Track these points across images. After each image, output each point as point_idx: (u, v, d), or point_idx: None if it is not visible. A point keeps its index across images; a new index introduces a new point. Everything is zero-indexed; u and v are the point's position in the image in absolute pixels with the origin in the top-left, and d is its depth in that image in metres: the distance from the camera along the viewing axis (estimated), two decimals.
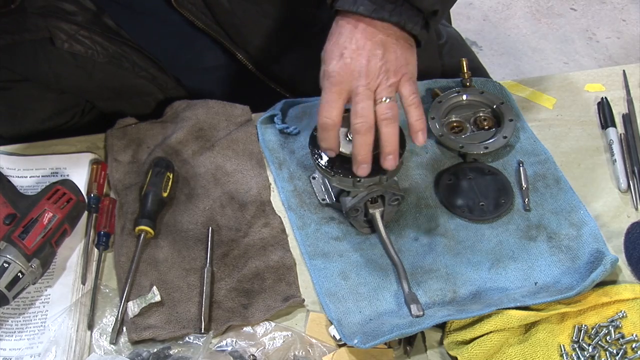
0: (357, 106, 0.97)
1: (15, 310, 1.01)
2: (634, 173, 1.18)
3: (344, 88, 0.98)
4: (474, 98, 1.23)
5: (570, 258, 1.07)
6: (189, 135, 1.19)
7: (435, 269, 1.06)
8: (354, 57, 0.97)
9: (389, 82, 0.98)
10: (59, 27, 1.16)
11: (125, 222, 1.09)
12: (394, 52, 0.99)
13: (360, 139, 0.98)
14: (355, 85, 0.97)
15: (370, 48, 0.97)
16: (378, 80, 0.98)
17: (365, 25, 0.98)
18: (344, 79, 0.97)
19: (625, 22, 2.90)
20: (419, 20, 0.99)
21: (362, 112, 0.97)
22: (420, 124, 1.00)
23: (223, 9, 1.21)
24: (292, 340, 0.98)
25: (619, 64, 2.60)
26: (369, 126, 0.97)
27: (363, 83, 0.97)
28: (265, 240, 1.09)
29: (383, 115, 0.97)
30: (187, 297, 1.03)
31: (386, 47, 0.98)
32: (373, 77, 0.97)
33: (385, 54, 0.98)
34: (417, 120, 1.00)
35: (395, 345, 0.99)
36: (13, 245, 0.97)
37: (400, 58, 0.99)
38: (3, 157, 1.18)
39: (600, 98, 1.29)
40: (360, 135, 0.98)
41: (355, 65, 0.97)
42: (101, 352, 0.98)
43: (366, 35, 0.98)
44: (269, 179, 1.17)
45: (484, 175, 1.16)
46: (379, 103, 0.97)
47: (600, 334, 1.00)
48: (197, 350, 0.95)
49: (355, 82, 0.97)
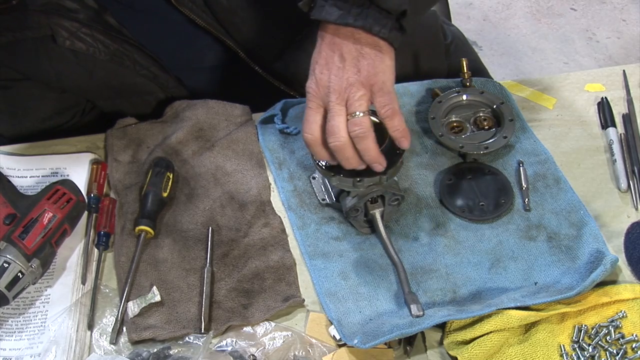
0: (329, 123, 0.97)
1: (15, 310, 1.01)
2: (634, 173, 1.18)
3: (319, 103, 0.98)
4: (474, 98, 1.23)
5: (570, 258, 1.07)
6: (189, 135, 1.19)
7: (435, 269, 1.06)
8: (323, 72, 0.97)
9: (357, 94, 0.96)
10: (61, 24, 1.16)
11: (125, 222, 1.09)
12: (360, 63, 0.96)
13: (339, 155, 0.98)
14: (326, 101, 0.97)
15: (336, 61, 0.97)
16: (346, 94, 0.96)
17: (333, 35, 0.97)
18: (317, 94, 0.98)
19: (625, 22, 2.90)
20: (387, 23, 0.96)
21: (333, 129, 0.96)
22: (399, 133, 1.00)
23: (222, 7, 1.21)
24: (292, 340, 0.98)
25: (619, 64, 2.60)
26: (342, 143, 0.97)
27: (333, 99, 0.96)
28: (265, 240, 1.09)
29: (353, 133, 0.96)
30: (187, 297, 1.03)
31: (351, 59, 0.96)
32: (340, 91, 0.96)
33: (349, 67, 0.96)
34: (396, 131, 0.99)
35: (395, 345, 0.99)
36: (13, 245, 0.97)
37: (367, 68, 0.96)
38: (3, 157, 1.18)
39: (600, 98, 1.29)
40: (338, 153, 0.98)
41: (324, 80, 0.97)
42: (101, 352, 0.98)
43: (332, 48, 0.97)
44: (269, 179, 1.17)
45: (484, 175, 1.16)
46: (351, 118, 0.96)
47: (600, 334, 1.00)
48: (197, 350, 0.95)
49: (327, 98, 0.97)
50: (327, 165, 1.04)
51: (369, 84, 0.96)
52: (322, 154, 1.00)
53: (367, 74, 0.96)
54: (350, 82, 0.96)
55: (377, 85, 0.97)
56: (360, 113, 0.96)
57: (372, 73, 0.96)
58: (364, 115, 0.96)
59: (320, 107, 0.98)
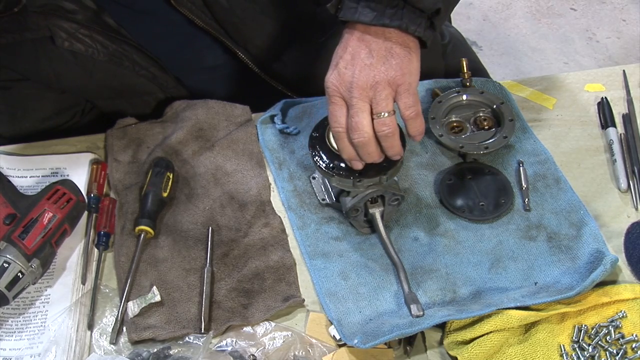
0: (352, 120, 0.96)
1: (15, 310, 1.01)
2: (634, 173, 1.18)
3: (340, 99, 0.97)
4: (474, 98, 1.23)
5: (570, 258, 1.07)
6: (189, 135, 1.19)
7: (435, 269, 1.06)
8: (347, 67, 0.97)
9: (383, 93, 0.96)
10: (59, 25, 1.16)
11: (125, 222, 1.09)
12: (389, 62, 0.96)
13: (361, 152, 0.98)
14: (349, 97, 0.96)
15: (364, 57, 0.96)
16: (371, 92, 0.96)
17: (363, 33, 0.97)
18: (338, 89, 0.97)
19: (625, 22, 2.90)
20: (422, 22, 0.97)
21: (357, 126, 0.96)
22: (420, 134, 1.00)
23: (222, 7, 1.21)
24: (292, 340, 0.98)
25: (619, 64, 2.60)
26: (366, 140, 0.96)
27: (356, 94, 0.96)
28: (265, 240, 1.09)
29: (381, 132, 0.96)
30: (187, 297, 1.03)
31: (380, 57, 0.96)
32: (365, 88, 0.96)
33: (377, 64, 0.96)
34: (417, 132, 1.00)
35: (395, 345, 0.99)
36: (13, 245, 0.97)
37: (395, 68, 0.96)
38: (3, 157, 1.18)
39: (600, 98, 1.29)
40: (361, 149, 0.98)
41: (347, 75, 0.96)
42: (101, 352, 0.98)
43: (361, 44, 0.97)
44: (269, 179, 1.17)
45: (484, 175, 1.16)
46: (377, 118, 0.96)
47: (600, 334, 1.00)
48: (197, 350, 0.95)
49: (349, 94, 0.96)
50: (327, 165, 1.04)
51: (395, 83, 0.96)
52: (349, 149, 0.99)
53: (395, 73, 0.96)
54: (376, 80, 0.95)
55: (403, 86, 0.96)
56: (386, 113, 0.96)
57: (400, 73, 0.96)
58: (390, 115, 0.96)
59: (343, 102, 0.97)
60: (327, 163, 1.04)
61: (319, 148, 1.06)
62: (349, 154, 1.00)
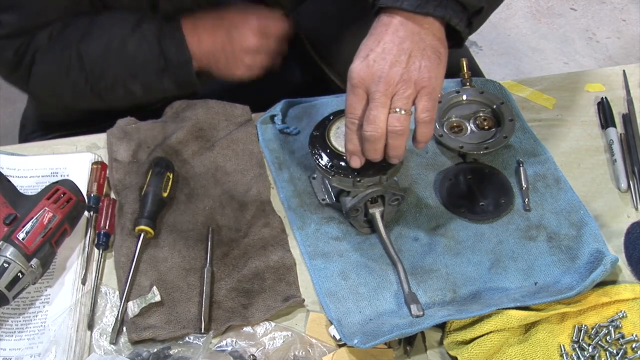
0: (370, 112, 0.95)
1: (15, 310, 1.01)
2: (634, 173, 1.18)
3: (363, 91, 0.96)
4: (474, 98, 1.23)
5: (570, 258, 1.07)
6: (189, 135, 1.19)
7: (435, 269, 1.06)
8: (378, 60, 0.95)
9: (406, 92, 0.95)
10: None
11: (125, 222, 1.09)
12: (419, 62, 0.95)
13: (369, 146, 0.97)
14: (373, 90, 0.95)
15: (396, 54, 0.95)
16: (396, 88, 0.95)
17: (401, 24, 0.96)
18: (364, 81, 0.95)
19: (625, 22, 2.90)
20: (463, 17, 0.96)
21: (374, 119, 0.95)
22: (425, 140, 0.99)
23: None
24: (292, 340, 0.98)
25: (619, 64, 2.60)
26: (379, 135, 0.95)
27: (381, 89, 0.94)
28: (265, 240, 1.09)
29: (392, 127, 0.95)
30: (187, 297, 1.03)
31: (412, 56, 0.95)
32: (392, 84, 0.94)
33: (409, 63, 0.95)
34: (424, 136, 0.99)
35: (395, 345, 0.99)
36: (13, 245, 0.97)
37: (423, 69, 0.95)
38: (3, 157, 1.18)
39: (600, 98, 1.29)
40: (370, 143, 0.97)
41: (377, 69, 0.95)
42: (101, 352, 0.98)
43: (395, 40, 0.95)
44: (269, 179, 1.17)
45: (484, 175, 1.16)
46: (392, 113, 0.95)
47: (600, 334, 1.00)
48: (197, 350, 0.95)
49: (374, 87, 0.95)
50: (327, 164, 1.04)
51: (420, 85, 0.95)
52: (355, 142, 0.98)
53: (423, 75, 0.95)
54: (404, 78, 0.94)
55: (427, 89, 0.95)
56: (404, 111, 0.95)
57: (427, 76, 0.95)
58: (406, 114, 0.95)
59: (365, 94, 0.96)
60: (327, 162, 1.04)
61: (319, 147, 1.06)
62: (353, 147, 0.99)
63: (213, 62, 1.22)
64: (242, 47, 1.20)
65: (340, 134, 1.07)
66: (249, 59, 1.21)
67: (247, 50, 1.20)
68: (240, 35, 1.19)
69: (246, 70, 1.22)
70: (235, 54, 1.20)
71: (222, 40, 1.20)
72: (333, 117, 1.09)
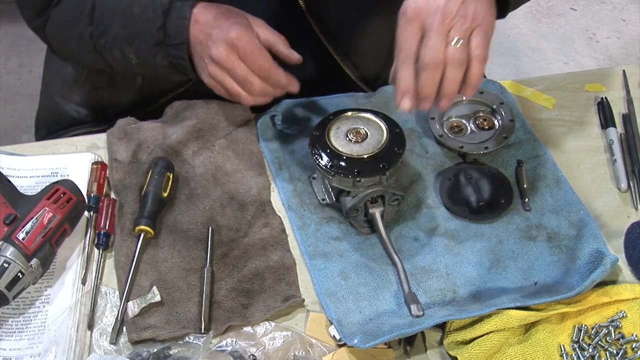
0: (429, 41, 0.94)
1: (15, 310, 1.01)
2: (634, 173, 1.18)
3: (418, 25, 0.96)
4: (474, 98, 1.23)
5: (570, 258, 1.07)
6: (189, 135, 1.19)
7: (435, 269, 1.06)
8: None
9: (463, 26, 0.95)
10: None
11: (125, 222, 1.09)
12: (475, 4, 0.96)
13: (427, 76, 0.96)
14: (429, 22, 0.95)
15: None
16: (453, 22, 0.95)
17: None
18: (420, 14, 0.95)
19: (625, 22, 2.91)
20: None
21: (433, 46, 0.94)
22: (476, 83, 0.98)
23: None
24: (292, 340, 0.98)
25: (619, 64, 2.60)
26: (439, 61, 0.94)
27: (438, 19, 0.94)
28: (265, 240, 1.09)
29: (451, 57, 0.95)
30: (187, 297, 1.03)
31: None
32: (449, 16, 0.94)
33: (465, 2, 0.96)
34: (475, 78, 0.98)
35: (395, 345, 0.99)
36: (13, 245, 0.97)
37: (479, 10, 0.96)
38: (3, 157, 1.18)
39: (600, 98, 1.29)
40: (428, 72, 0.95)
41: (433, 2, 0.95)
42: (101, 352, 0.98)
43: None
44: (269, 179, 1.17)
45: (484, 175, 1.16)
46: (449, 45, 0.95)
47: (600, 334, 1.00)
48: (197, 350, 0.95)
49: (431, 18, 0.94)
50: (327, 164, 1.04)
51: (476, 23, 0.96)
52: (409, 78, 0.97)
53: (478, 14, 0.96)
54: (460, 13, 0.95)
55: (481, 27, 0.96)
56: (462, 41, 0.95)
57: (482, 15, 0.96)
58: (464, 45, 0.95)
59: (420, 29, 0.96)
60: (327, 162, 1.05)
61: (319, 147, 1.06)
62: (406, 85, 0.97)
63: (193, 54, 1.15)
64: (210, 53, 1.10)
65: (340, 134, 1.08)
66: (212, 69, 1.11)
67: (211, 57, 1.10)
68: (214, 38, 1.10)
69: (210, 80, 1.13)
70: (203, 55, 1.12)
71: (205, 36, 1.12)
72: (333, 117, 1.10)
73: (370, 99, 1.27)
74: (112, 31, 1.16)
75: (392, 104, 1.25)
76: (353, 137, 1.07)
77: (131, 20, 1.14)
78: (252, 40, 1.09)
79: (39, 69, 1.46)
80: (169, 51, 1.14)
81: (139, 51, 1.16)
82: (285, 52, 1.14)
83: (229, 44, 1.08)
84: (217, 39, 1.09)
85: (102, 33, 1.17)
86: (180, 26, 1.12)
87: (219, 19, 1.11)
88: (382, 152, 1.05)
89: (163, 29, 1.13)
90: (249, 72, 1.08)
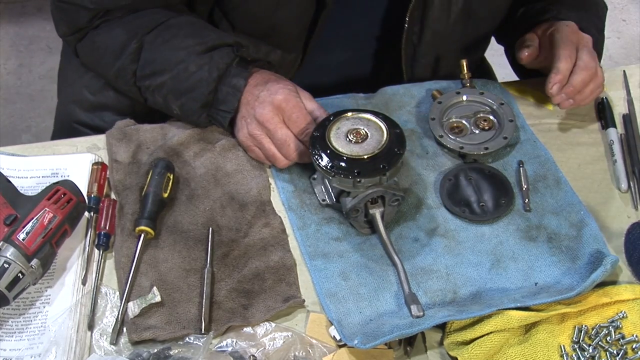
0: (585, 57, 1.22)
1: (15, 311, 1.01)
2: (634, 173, 1.18)
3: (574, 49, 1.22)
4: (474, 98, 1.23)
5: (571, 258, 1.07)
6: (190, 137, 1.19)
7: (435, 269, 1.06)
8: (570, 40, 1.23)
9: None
10: None
11: (125, 222, 1.09)
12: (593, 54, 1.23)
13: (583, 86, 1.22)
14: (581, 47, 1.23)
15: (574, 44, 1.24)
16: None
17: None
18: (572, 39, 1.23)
19: (625, 22, 2.90)
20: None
21: (587, 64, 1.21)
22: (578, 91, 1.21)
23: None
24: (292, 341, 0.98)
25: (619, 64, 2.60)
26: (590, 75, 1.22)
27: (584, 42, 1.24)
28: (266, 240, 1.09)
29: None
30: (187, 297, 1.03)
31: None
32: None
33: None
34: (579, 82, 1.19)
35: (396, 346, 0.99)
36: (13, 245, 0.97)
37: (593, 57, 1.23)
38: (3, 157, 1.18)
39: (601, 98, 1.29)
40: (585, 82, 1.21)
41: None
42: (101, 353, 0.98)
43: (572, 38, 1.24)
44: (269, 180, 1.17)
45: (484, 175, 1.16)
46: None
47: (601, 335, 1.00)
48: (198, 351, 0.95)
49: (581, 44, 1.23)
50: (327, 165, 1.04)
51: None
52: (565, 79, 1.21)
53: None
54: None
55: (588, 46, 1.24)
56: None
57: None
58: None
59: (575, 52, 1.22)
60: (327, 163, 1.05)
61: (320, 148, 1.06)
62: (562, 78, 1.21)
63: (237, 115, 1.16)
64: (254, 113, 1.12)
65: (340, 134, 1.07)
66: (253, 129, 1.13)
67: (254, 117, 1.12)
68: (262, 99, 1.12)
69: (246, 139, 1.15)
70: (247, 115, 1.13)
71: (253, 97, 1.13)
72: (333, 117, 1.09)
73: (371, 99, 1.27)
74: (161, 78, 1.16)
75: (392, 104, 1.26)
76: (353, 137, 1.07)
77: (184, 75, 1.14)
78: (299, 104, 1.12)
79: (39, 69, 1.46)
80: (215, 114, 1.16)
81: (184, 107, 1.16)
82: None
83: (275, 106, 1.11)
84: (264, 100, 1.11)
85: (149, 76, 1.17)
86: (231, 95, 1.13)
87: (269, 83, 1.12)
88: (382, 152, 1.05)
89: (214, 93, 1.14)
90: (291, 135, 1.11)
